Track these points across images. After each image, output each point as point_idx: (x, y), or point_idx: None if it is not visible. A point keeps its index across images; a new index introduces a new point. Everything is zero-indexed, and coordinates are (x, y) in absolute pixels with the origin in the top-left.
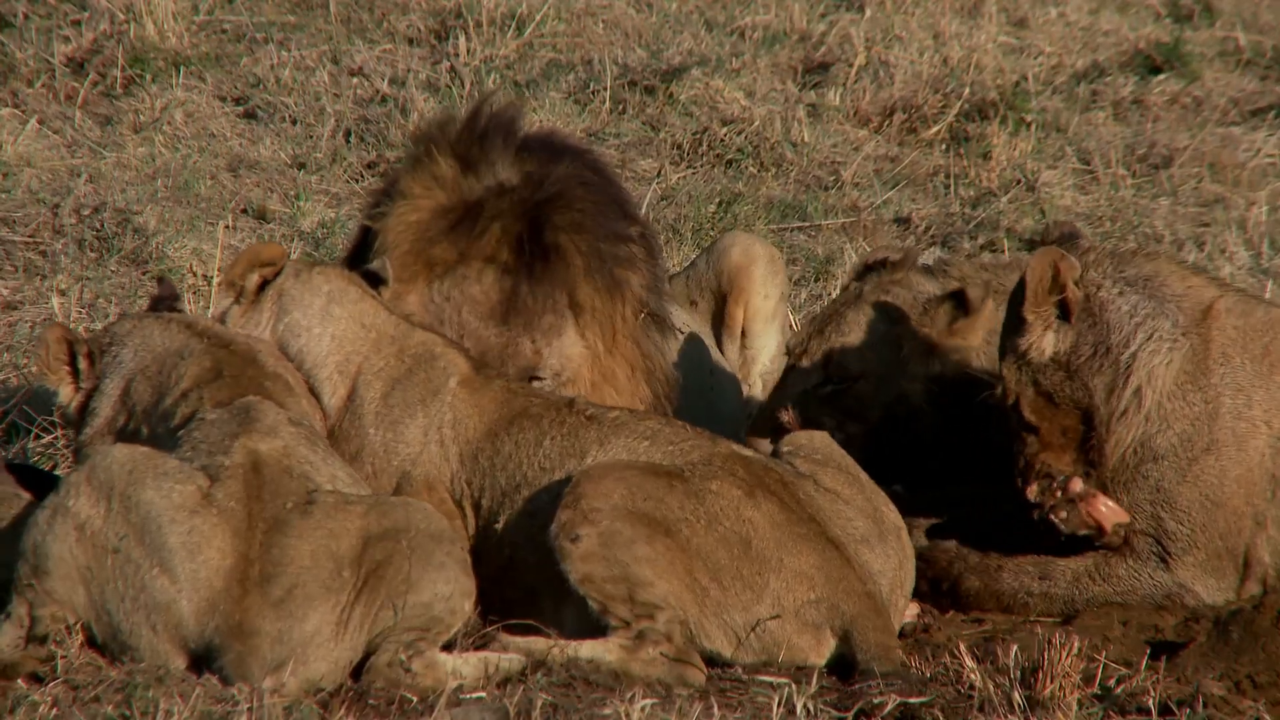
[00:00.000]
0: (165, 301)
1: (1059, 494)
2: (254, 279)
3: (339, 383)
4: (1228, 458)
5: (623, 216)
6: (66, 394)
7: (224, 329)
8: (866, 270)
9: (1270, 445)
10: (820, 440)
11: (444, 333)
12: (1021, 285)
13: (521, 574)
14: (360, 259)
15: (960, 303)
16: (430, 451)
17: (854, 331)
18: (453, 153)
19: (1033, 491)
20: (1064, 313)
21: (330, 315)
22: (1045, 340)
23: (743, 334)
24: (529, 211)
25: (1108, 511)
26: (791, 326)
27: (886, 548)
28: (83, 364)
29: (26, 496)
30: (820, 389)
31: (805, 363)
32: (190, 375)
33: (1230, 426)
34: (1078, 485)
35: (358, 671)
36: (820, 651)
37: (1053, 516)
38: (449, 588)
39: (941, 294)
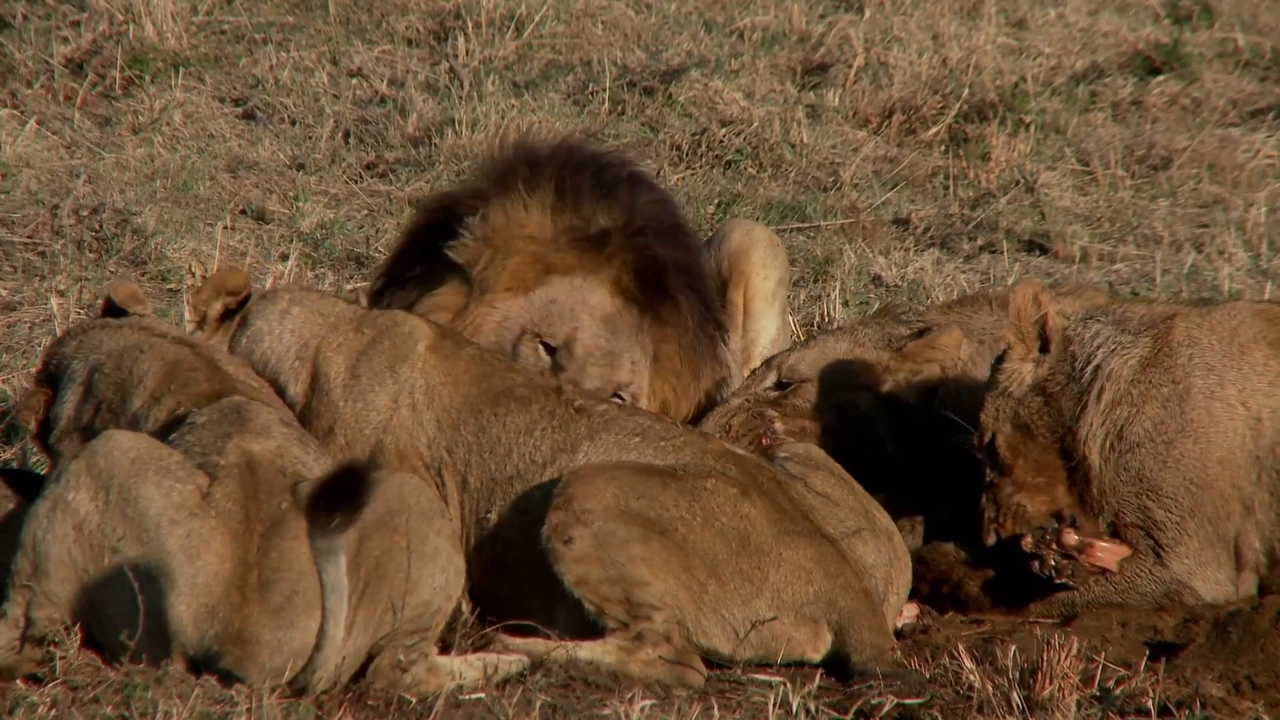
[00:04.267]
0: (110, 311)
1: (1054, 548)
2: (217, 306)
3: (300, 369)
4: (1206, 439)
5: (715, 317)
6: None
7: (184, 332)
8: None
9: (1250, 426)
10: (815, 452)
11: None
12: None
13: (513, 571)
14: (403, 271)
15: (921, 330)
16: (401, 416)
17: (816, 345)
18: (552, 187)
19: (1028, 544)
20: (1044, 344)
21: (289, 314)
22: (1025, 369)
23: (744, 316)
24: (643, 249)
25: (1105, 555)
26: (791, 314)
27: (879, 544)
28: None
29: (15, 498)
30: (768, 390)
31: (763, 369)
32: (155, 373)
33: (1204, 406)
34: (1071, 538)
35: (359, 672)
36: (817, 647)
37: (1058, 578)
38: (444, 576)
39: (908, 333)
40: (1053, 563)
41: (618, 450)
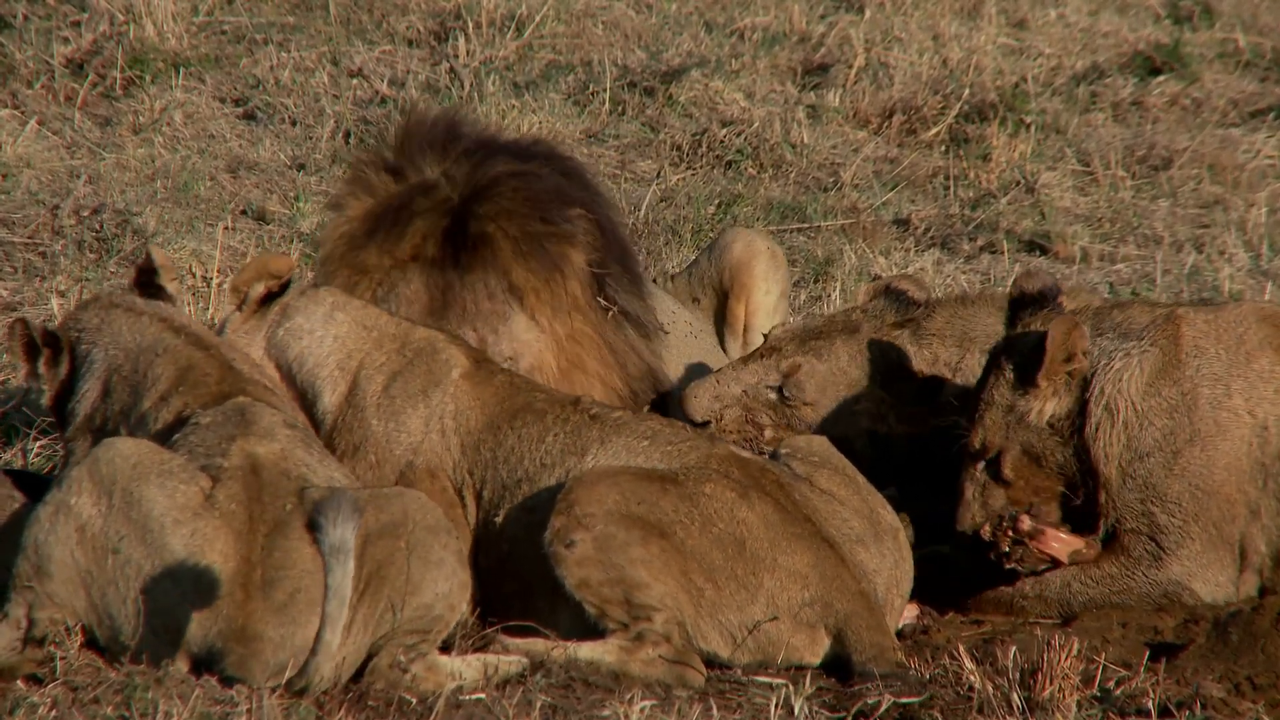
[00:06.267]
0: (145, 274)
1: (1009, 534)
2: (259, 289)
3: (340, 379)
4: (1213, 447)
5: (560, 202)
6: (24, 379)
7: (202, 329)
8: (886, 294)
9: (1256, 434)
10: (818, 444)
11: (448, 329)
12: (1031, 351)
13: (519, 569)
14: None
15: (930, 385)
16: (432, 440)
17: (830, 361)
18: (384, 165)
19: (986, 532)
20: (1068, 379)
21: (333, 319)
22: (1049, 406)
23: (745, 330)
24: (453, 208)
25: (1060, 545)
26: (792, 315)
27: (882, 547)
28: (42, 369)
29: (21, 498)
30: (769, 391)
31: (774, 360)
32: (167, 376)
33: (1211, 416)
34: (1026, 524)
35: (359, 672)
36: (815, 650)
37: (1008, 562)
38: (448, 584)
39: (916, 368)
40: (1005, 549)
41: (626, 454)
